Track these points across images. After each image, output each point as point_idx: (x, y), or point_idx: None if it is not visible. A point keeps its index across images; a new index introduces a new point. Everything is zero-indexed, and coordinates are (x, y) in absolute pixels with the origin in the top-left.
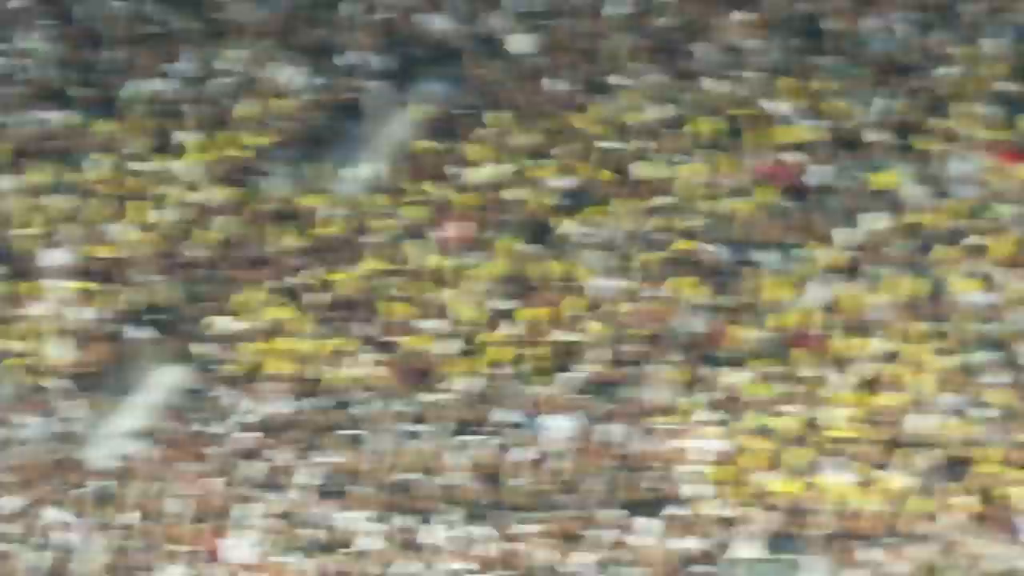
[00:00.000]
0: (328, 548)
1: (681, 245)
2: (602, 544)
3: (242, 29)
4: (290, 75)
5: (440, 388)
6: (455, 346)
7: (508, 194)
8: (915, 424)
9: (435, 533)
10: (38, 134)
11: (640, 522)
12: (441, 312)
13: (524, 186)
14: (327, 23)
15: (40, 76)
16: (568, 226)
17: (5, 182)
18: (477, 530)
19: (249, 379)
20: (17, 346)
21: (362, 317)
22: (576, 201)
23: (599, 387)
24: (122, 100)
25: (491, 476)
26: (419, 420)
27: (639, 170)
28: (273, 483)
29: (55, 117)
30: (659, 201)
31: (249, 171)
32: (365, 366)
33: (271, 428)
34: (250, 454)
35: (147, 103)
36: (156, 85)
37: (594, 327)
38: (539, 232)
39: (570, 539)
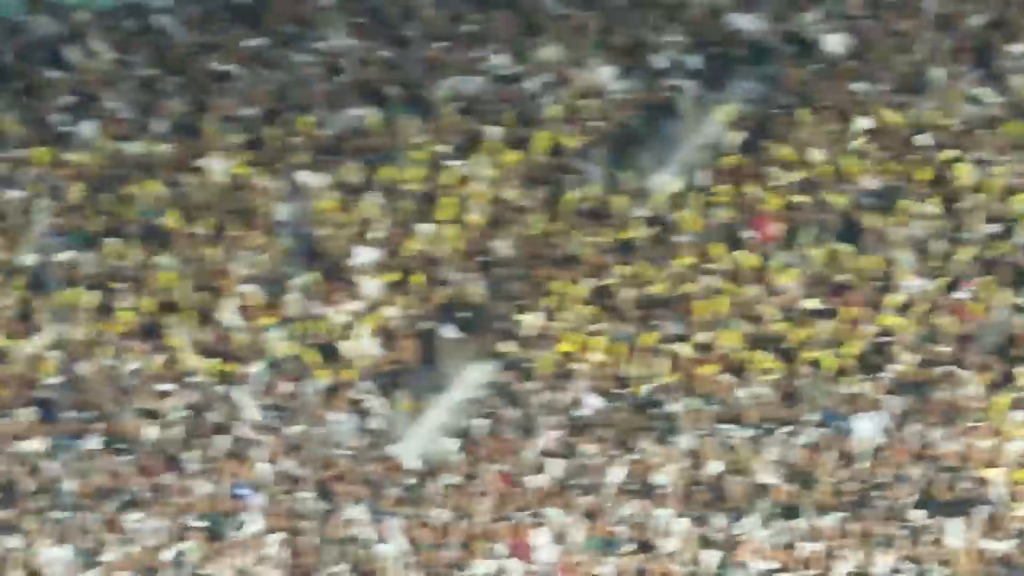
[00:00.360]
0: (637, 547)
1: (992, 245)
2: (910, 545)
3: (556, 27)
4: (603, 74)
5: (750, 387)
6: (766, 345)
7: (819, 193)
8: None
9: (743, 531)
10: (350, 132)
11: (949, 523)
12: (751, 311)
13: (835, 185)
14: (640, 22)
15: (352, 74)
16: (879, 225)
17: (317, 180)
18: (785, 529)
19: (558, 377)
20: (327, 343)
21: (672, 316)
22: (888, 200)
23: (909, 386)
24: (434, 98)
25: (799, 475)
26: (728, 419)
27: (950, 169)
28: (582, 481)
29: (367, 115)
30: (970, 201)
31: (560, 170)
32: (674, 364)
33: (579, 426)
34: (558, 452)
35: (459, 101)
36: (468, 83)
37: (905, 326)
38: (850, 231)
39: (878, 539)
